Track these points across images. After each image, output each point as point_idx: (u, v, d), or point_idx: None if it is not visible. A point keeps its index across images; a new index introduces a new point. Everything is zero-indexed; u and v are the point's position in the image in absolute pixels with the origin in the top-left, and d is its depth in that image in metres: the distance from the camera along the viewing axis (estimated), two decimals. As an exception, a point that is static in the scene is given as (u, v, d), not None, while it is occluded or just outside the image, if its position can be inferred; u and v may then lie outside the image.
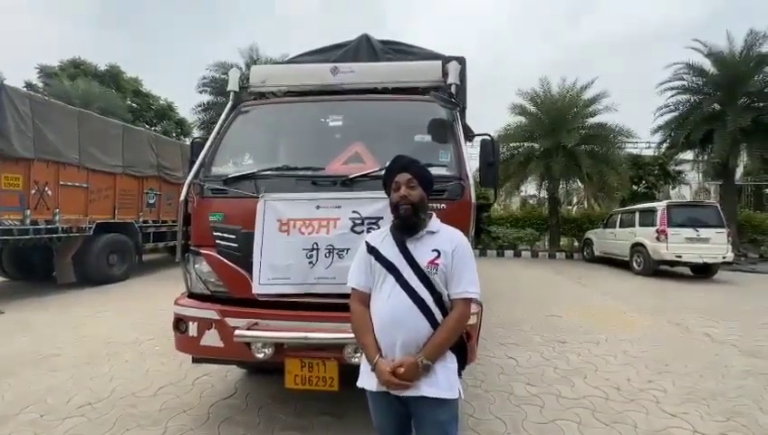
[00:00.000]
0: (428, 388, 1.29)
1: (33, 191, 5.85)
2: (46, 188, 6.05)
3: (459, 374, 1.39)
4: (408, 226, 1.40)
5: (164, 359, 3.49)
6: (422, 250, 1.38)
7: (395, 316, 1.32)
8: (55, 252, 6.72)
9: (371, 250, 1.44)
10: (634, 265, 9.78)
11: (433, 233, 1.42)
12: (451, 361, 1.36)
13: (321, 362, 1.98)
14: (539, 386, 3.08)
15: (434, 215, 1.48)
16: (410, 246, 1.39)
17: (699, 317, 5.40)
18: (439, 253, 1.36)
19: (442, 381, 1.30)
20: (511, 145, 14.21)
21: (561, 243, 15.06)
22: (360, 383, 1.43)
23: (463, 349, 1.43)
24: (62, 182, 6.30)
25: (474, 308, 1.77)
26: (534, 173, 13.80)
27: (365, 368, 1.41)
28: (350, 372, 1.99)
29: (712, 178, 16.90)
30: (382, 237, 1.46)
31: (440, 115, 2.43)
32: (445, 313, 1.36)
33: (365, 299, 1.44)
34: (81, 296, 6.19)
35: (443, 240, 1.40)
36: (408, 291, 1.33)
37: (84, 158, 6.66)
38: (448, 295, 1.36)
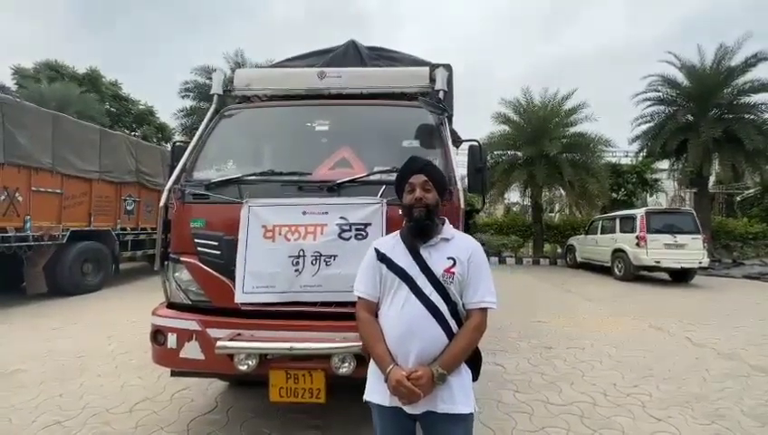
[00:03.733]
0: (444, 404, 1.23)
1: (3, 197, 5.59)
2: (17, 194, 5.79)
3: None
4: (421, 229, 1.34)
5: (141, 373, 3.33)
6: (437, 258, 1.32)
7: (410, 327, 1.26)
8: (25, 261, 6.40)
9: (382, 258, 1.36)
10: (615, 270, 9.99)
11: (447, 240, 1.36)
12: (466, 373, 1.32)
13: (307, 374, 1.90)
14: (527, 393, 3.06)
15: (446, 221, 1.43)
16: (424, 253, 1.33)
17: (679, 321, 5.53)
18: (455, 261, 1.30)
19: (458, 395, 1.25)
20: (495, 153, 14.43)
21: (545, 249, 15.31)
22: (367, 397, 1.34)
23: (476, 360, 1.38)
24: (33, 188, 6.04)
25: None
26: (518, 181, 14.01)
27: (374, 381, 1.33)
28: (338, 384, 1.94)
29: (686, 186, 17.54)
30: (393, 244, 1.40)
31: (428, 121, 2.42)
32: (459, 323, 1.31)
33: (372, 308, 1.37)
34: (53, 307, 5.90)
35: (458, 248, 1.35)
36: (423, 300, 1.27)
37: (58, 162, 6.41)
38: (463, 305, 1.32)
